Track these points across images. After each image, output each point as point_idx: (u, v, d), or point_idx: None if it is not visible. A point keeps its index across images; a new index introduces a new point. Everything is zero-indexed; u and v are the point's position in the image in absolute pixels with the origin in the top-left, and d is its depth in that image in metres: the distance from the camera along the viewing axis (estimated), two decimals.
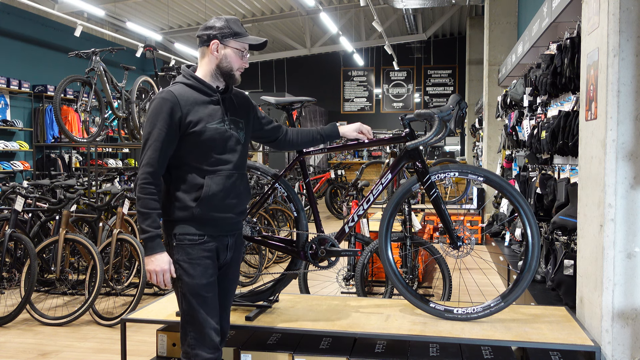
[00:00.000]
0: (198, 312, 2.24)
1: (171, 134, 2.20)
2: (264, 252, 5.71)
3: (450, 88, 18.76)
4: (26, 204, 5.11)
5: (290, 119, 3.03)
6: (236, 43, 2.27)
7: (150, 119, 2.21)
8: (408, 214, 4.12)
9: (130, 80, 6.32)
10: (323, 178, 11.10)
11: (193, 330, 2.25)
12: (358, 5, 12.71)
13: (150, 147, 2.18)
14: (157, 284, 2.21)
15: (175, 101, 2.20)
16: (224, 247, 2.34)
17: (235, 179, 2.32)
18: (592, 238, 2.56)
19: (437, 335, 2.56)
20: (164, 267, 2.19)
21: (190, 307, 2.25)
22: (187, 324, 2.26)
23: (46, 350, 3.87)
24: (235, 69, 2.29)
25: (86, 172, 9.63)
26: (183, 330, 2.28)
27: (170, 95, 2.20)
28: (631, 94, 2.34)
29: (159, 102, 2.20)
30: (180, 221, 2.25)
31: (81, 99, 5.77)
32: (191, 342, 2.25)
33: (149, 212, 2.17)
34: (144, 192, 2.17)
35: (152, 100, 2.23)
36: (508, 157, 6.65)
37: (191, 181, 2.24)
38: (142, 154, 2.21)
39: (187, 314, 2.26)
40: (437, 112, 2.62)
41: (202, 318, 2.24)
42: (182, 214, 2.24)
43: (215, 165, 2.26)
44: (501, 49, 8.80)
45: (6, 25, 10.08)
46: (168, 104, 2.19)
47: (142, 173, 2.19)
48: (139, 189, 2.18)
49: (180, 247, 2.25)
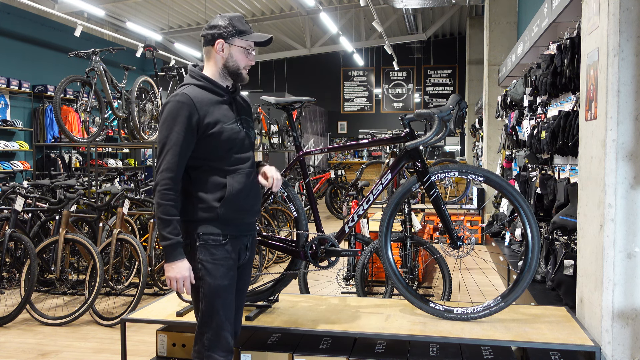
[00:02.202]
0: (217, 314, 2.21)
1: (189, 138, 2.16)
2: (264, 252, 5.71)
3: (450, 88, 18.76)
4: (26, 204, 5.11)
5: (290, 119, 3.03)
6: (241, 41, 2.25)
7: (167, 122, 2.16)
8: (408, 214, 4.12)
9: (130, 80, 6.32)
10: (323, 178, 11.10)
11: (210, 332, 2.22)
12: (358, 5, 12.71)
13: (169, 151, 2.15)
14: (178, 290, 2.19)
15: (191, 104, 2.17)
16: (244, 248, 2.34)
17: (253, 177, 2.33)
18: (592, 238, 2.56)
19: (437, 335, 2.56)
20: (184, 274, 2.17)
21: (210, 309, 2.21)
22: (205, 325, 2.23)
23: (46, 350, 3.87)
24: (242, 67, 2.28)
25: (86, 172, 9.63)
26: (199, 330, 2.25)
27: (186, 98, 2.17)
28: (631, 94, 2.34)
29: (174, 106, 2.17)
30: (204, 221, 2.21)
31: (81, 99, 5.77)
32: (206, 344, 2.22)
33: (170, 219, 2.14)
34: (164, 198, 2.14)
35: (167, 104, 2.19)
36: (508, 157, 6.65)
37: (213, 182, 2.22)
38: (160, 159, 2.17)
39: (206, 315, 2.22)
40: (437, 112, 2.62)
41: (220, 320, 2.22)
42: (205, 214, 2.21)
43: (235, 165, 2.25)
44: (501, 49, 8.80)
45: (6, 25, 10.07)
46: (185, 107, 2.15)
47: (163, 179, 2.14)
48: (160, 195, 2.14)
49: (204, 247, 2.21)
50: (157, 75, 6.41)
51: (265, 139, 9.74)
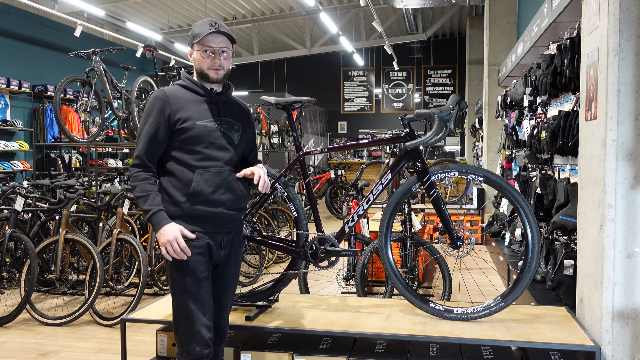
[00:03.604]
0: (187, 308, 2.26)
1: (162, 130, 2.29)
2: (264, 252, 5.71)
3: (450, 88, 18.77)
4: (26, 204, 5.11)
5: (290, 119, 3.03)
6: (197, 45, 2.35)
7: (144, 116, 2.35)
8: (408, 214, 4.12)
9: (130, 80, 6.32)
10: (323, 178, 11.10)
11: (183, 327, 2.28)
12: (358, 5, 12.72)
13: (141, 142, 2.30)
14: (175, 253, 2.21)
15: (165, 99, 2.31)
16: (217, 244, 2.35)
17: (227, 175, 2.34)
18: (592, 238, 2.56)
19: (437, 335, 2.56)
20: (175, 234, 2.21)
21: (180, 303, 2.28)
22: (178, 320, 2.30)
23: (46, 350, 3.87)
24: (206, 68, 2.35)
25: (86, 172, 9.63)
26: (175, 326, 2.32)
27: (162, 94, 2.33)
28: (631, 94, 2.34)
29: (151, 101, 2.35)
30: (172, 217, 2.27)
31: (81, 99, 5.77)
32: (182, 339, 2.28)
33: (146, 193, 2.25)
34: (137, 179, 2.27)
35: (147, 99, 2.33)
36: (508, 157, 6.65)
37: (181, 176, 2.30)
38: (135, 150, 2.34)
39: (177, 310, 2.30)
40: (437, 112, 2.62)
41: (191, 314, 2.26)
42: (173, 209, 2.29)
43: (204, 161, 2.31)
44: (501, 49, 8.80)
45: (6, 25, 10.07)
46: (159, 101, 2.31)
47: (132, 166, 2.31)
48: (132, 179, 2.29)
49: None
50: (157, 75, 6.41)
51: (265, 139, 9.74)
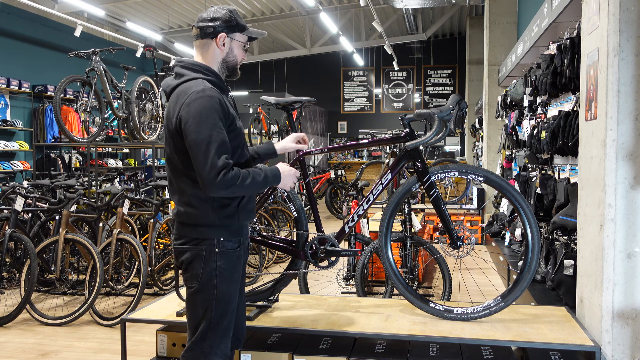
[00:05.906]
0: (225, 319, 2.16)
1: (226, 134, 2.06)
2: (264, 252, 5.71)
3: (450, 88, 18.76)
4: (26, 204, 5.11)
5: (290, 119, 3.03)
6: (242, 36, 2.21)
7: (202, 118, 1.99)
8: (408, 214, 4.12)
9: (130, 80, 6.32)
10: (323, 178, 11.10)
11: (213, 337, 2.14)
12: (358, 5, 12.71)
13: (212, 149, 1.99)
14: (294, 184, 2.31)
15: (221, 98, 2.06)
16: (246, 250, 2.31)
17: None
18: (592, 238, 2.56)
19: (437, 335, 2.56)
20: (291, 171, 2.27)
21: (220, 314, 2.14)
22: (210, 330, 2.14)
23: (46, 350, 3.87)
24: (239, 62, 2.25)
25: (86, 172, 9.63)
26: (202, 335, 2.14)
27: (216, 93, 2.06)
28: (631, 94, 2.34)
29: (208, 101, 2.01)
30: (225, 227, 2.15)
31: (81, 99, 5.77)
32: (206, 349, 2.14)
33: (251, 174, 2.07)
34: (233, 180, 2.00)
35: (195, 100, 2.02)
36: (508, 157, 6.65)
37: None
38: (204, 158, 1.97)
39: (214, 321, 2.14)
40: (437, 112, 2.62)
41: (227, 326, 2.17)
42: (228, 220, 2.14)
43: (247, 166, 2.22)
44: (501, 49, 8.80)
45: (6, 25, 10.07)
46: (217, 103, 2.03)
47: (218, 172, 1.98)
48: (225, 183, 1.99)
49: (223, 254, 2.14)
50: (157, 75, 6.41)
51: (265, 139, 9.75)
